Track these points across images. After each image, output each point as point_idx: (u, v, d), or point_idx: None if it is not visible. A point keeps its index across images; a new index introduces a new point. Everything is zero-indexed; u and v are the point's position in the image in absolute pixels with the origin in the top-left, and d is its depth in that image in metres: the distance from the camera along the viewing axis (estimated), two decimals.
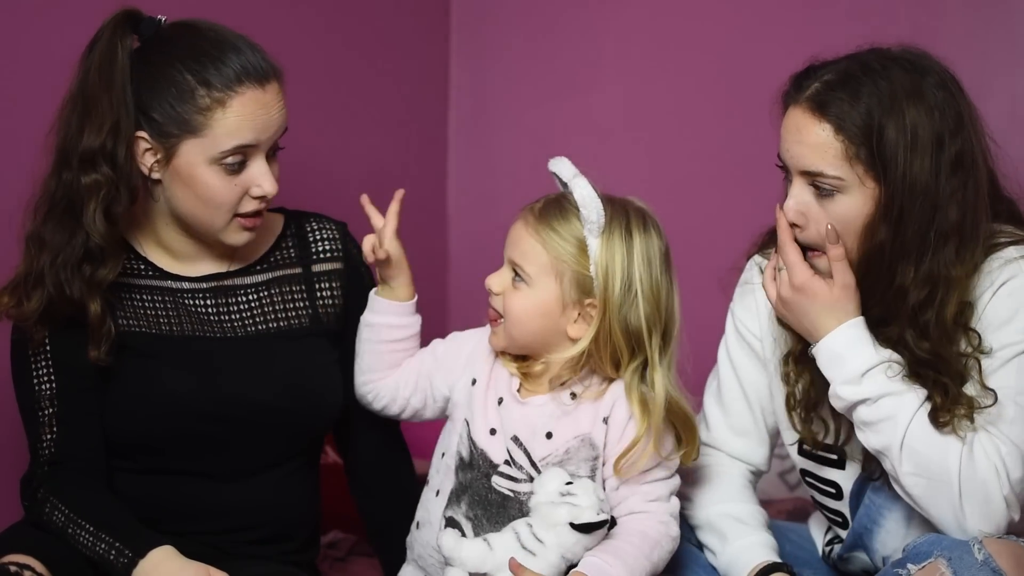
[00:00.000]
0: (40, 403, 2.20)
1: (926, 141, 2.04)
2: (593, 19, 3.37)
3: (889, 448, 2.07)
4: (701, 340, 2.42)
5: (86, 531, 2.12)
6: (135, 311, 2.24)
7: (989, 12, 3.05)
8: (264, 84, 2.18)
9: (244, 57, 2.17)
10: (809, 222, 2.11)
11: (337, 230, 2.38)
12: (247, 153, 2.18)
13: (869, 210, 2.07)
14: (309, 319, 2.32)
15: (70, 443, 2.19)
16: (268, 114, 2.18)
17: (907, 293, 2.08)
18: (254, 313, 2.30)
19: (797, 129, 2.10)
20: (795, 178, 2.12)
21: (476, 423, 2.19)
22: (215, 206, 2.19)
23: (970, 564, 1.97)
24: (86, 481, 2.19)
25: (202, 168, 2.17)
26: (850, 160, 2.06)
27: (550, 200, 2.19)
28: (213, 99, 2.15)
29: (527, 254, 2.16)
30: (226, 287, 2.30)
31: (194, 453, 2.22)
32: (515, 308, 2.16)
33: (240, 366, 2.24)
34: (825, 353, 2.11)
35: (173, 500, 2.24)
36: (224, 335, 2.27)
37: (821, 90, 2.08)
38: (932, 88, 2.07)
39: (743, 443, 2.33)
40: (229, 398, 2.21)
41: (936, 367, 2.09)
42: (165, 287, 2.27)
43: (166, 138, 2.17)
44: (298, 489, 2.31)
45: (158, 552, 2.09)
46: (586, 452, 2.15)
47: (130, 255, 2.26)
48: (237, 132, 2.16)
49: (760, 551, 2.20)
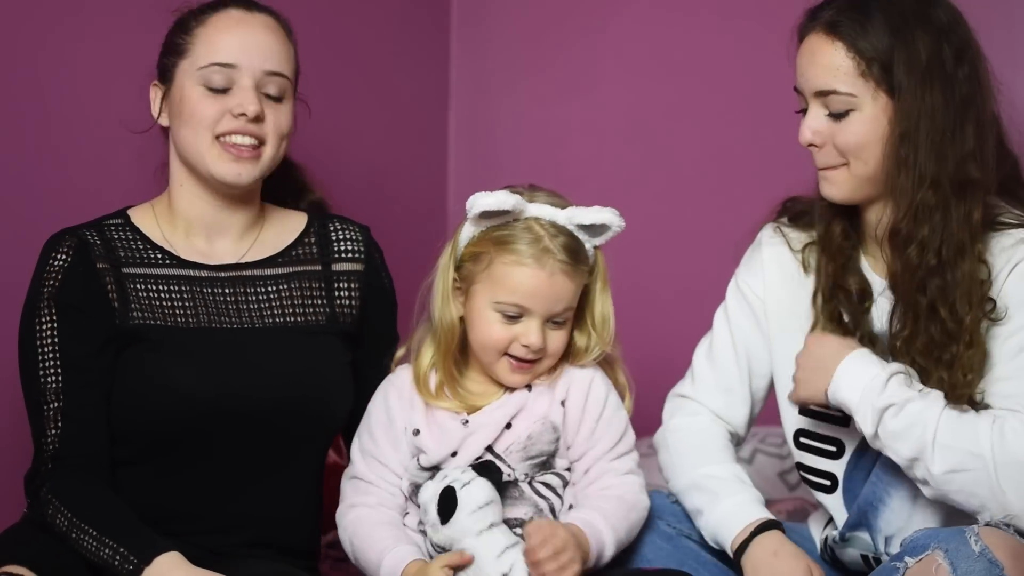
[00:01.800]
0: (46, 397, 2.19)
1: (937, 59, 2.12)
2: (593, 19, 3.38)
3: (922, 451, 2.08)
4: (694, 338, 2.43)
5: (90, 536, 2.11)
6: (150, 303, 2.24)
7: (989, 12, 3.04)
8: (251, 11, 2.27)
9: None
10: (826, 141, 2.18)
11: (360, 233, 2.38)
12: (231, 75, 2.23)
13: (883, 126, 2.14)
14: (326, 317, 2.32)
15: (74, 439, 2.18)
16: (252, 35, 2.25)
17: (934, 196, 2.12)
18: (272, 304, 2.29)
19: (811, 52, 2.18)
20: (810, 102, 2.18)
21: (432, 457, 2.18)
22: (196, 122, 2.23)
23: (967, 555, 1.97)
24: (89, 479, 2.18)
25: (188, 88, 2.24)
26: (863, 76, 2.14)
27: (559, 240, 2.16)
28: (197, 21, 2.26)
29: (567, 299, 2.17)
30: (245, 277, 2.30)
31: (201, 450, 2.21)
32: (561, 345, 2.20)
33: (253, 359, 2.24)
34: (843, 380, 2.13)
35: (176, 500, 2.22)
36: (241, 325, 2.27)
37: (834, 13, 2.17)
38: (940, 13, 2.16)
39: (726, 400, 2.35)
40: (238, 394, 2.20)
41: (951, 334, 2.12)
42: (183, 275, 2.27)
43: (165, 72, 2.27)
44: (302, 492, 2.30)
45: (164, 559, 2.08)
46: (549, 435, 2.18)
47: (146, 245, 2.27)
48: (216, 47, 2.23)
49: (751, 508, 2.22)
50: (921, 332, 2.15)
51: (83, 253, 2.23)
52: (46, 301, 2.21)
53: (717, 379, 2.35)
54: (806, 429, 2.31)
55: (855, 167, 2.17)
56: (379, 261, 2.38)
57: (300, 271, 2.33)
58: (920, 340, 2.15)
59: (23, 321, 2.23)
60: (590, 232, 2.19)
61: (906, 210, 2.14)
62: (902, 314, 2.18)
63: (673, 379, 2.44)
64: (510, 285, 2.15)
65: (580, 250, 2.18)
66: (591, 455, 2.21)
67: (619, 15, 3.36)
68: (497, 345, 2.17)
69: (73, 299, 2.21)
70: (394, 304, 2.41)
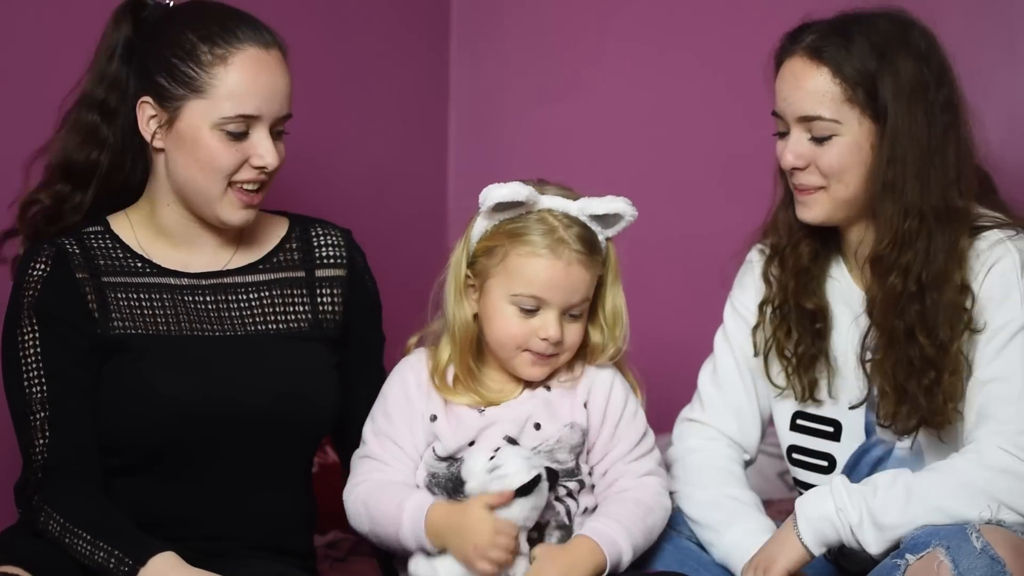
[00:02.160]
0: (31, 407, 2.17)
1: (919, 82, 2.13)
2: (593, 19, 3.38)
3: (942, 510, 2.07)
4: (700, 338, 2.43)
5: (83, 540, 2.09)
6: (131, 312, 2.22)
7: (989, 12, 3.05)
8: (267, 48, 2.20)
9: (248, 23, 2.21)
10: (808, 164, 2.18)
11: (342, 237, 2.36)
12: (250, 123, 2.18)
13: (865, 151, 2.15)
14: (309, 324, 2.30)
15: (63, 448, 2.16)
16: (272, 77, 2.19)
17: (919, 225, 2.13)
18: (254, 312, 2.28)
19: (795, 76, 2.17)
20: (792, 126, 2.18)
21: (448, 446, 2.18)
22: (213, 169, 2.19)
23: (968, 552, 1.97)
24: (81, 486, 2.16)
25: (204, 132, 2.18)
26: (849, 101, 2.14)
27: (573, 231, 2.16)
28: (215, 55, 2.17)
29: (584, 290, 2.16)
30: (226, 284, 2.28)
31: (188, 457, 2.20)
32: (578, 337, 2.19)
33: (237, 367, 2.23)
34: (811, 516, 2.11)
35: (167, 505, 2.21)
36: (223, 333, 2.25)
37: (816, 39, 2.17)
38: (917, 38, 2.17)
39: (738, 423, 2.34)
40: (223, 402, 2.19)
41: (931, 360, 2.12)
42: (163, 283, 2.25)
43: (170, 101, 2.19)
44: (293, 494, 2.29)
45: (160, 559, 2.07)
46: (576, 438, 2.17)
47: (126, 253, 2.25)
48: (240, 96, 2.17)
49: (766, 537, 2.20)
50: (899, 356, 2.15)
51: (62, 262, 2.21)
52: (26, 312, 2.19)
53: (726, 402, 2.35)
54: (798, 445, 2.32)
55: (836, 190, 2.17)
56: (362, 264, 2.36)
57: (282, 278, 2.30)
58: (897, 364, 2.15)
59: (4, 332, 2.22)
60: (602, 223, 2.18)
61: (891, 238, 2.14)
62: (877, 337, 2.18)
63: (676, 380, 2.45)
64: (527, 276, 2.14)
65: (594, 240, 2.17)
66: (610, 457, 2.20)
67: (619, 15, 3.36)
68: (515, 340, 2.16)
69: (54, 309, 2.19)
70: (378, 306, 2.39)
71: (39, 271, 2.20)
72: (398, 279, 2.43)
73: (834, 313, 2.27)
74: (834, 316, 2.27)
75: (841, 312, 2.27)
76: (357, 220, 2.45)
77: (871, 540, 2.08)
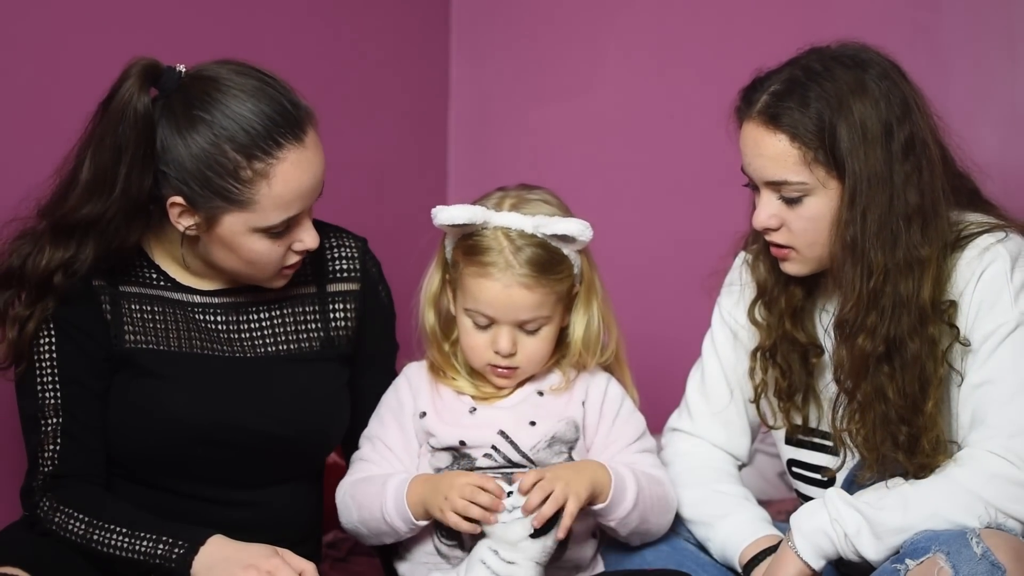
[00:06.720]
0: (44, 413, 2.16)
1: (876, 132, 2.09)
2: (593, 20, 3.38)
3: (939, 516, 2.07)
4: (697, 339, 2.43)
5: (118, 534, 2.09)
6: (144, 324, 2.21)
7: (989, 13, 3.05)
8: (302, 137, 2.12)
9: (277, 110, 2.11)
10: (782, 224, 2.15)
11: (356, 248, 2.33)
12: (292, 218, 2.15)
13: (835, 208, 2.11)
14: (320, 342, 2.29)
15: (73, 456, 2.16)
16: (312, 173, 2.14)
17: (883, 284, 2.10)
18: (264, 333, 2.26)
19: (755, 143, 2.14)
20: (762, 189, 2.16)
21: (443, 439, 2.19)
22: (260, 267, 2.17)
23: (969, 558, 1.96)
24: (93, 489, 2.16)
25: (246, 236, 2.13)
26: (809, 164, 2.10)
27: (523, 253, 2.13)
28: (255, 171, 2.09)
29: (532, 309, 2.15)
30: (239, 303, 2.26)
31: (195, 474, 2.20)
32: (537, 352, 2.19)
33: (246, 390, 2.21)
34: (805, 530, 2.11)
35: (173, 517, 2.18)
36: (233, 354, 2.24)
37: (770, 102, 2.13)
38: (875, 80, 2.12)
39: (726, 432, 2.34)
40: (233, 424, 2.18)
41: (903, 416, 2.11)
42: (177, 299, 2.24)
43: (205, 208, 2.12)
44: (301, 505, 2.29)
45: (217, 538, 2.07)
46: (570, 434, 2.19)
47: (143, 263, 2.24)
48: (284, 204, 2.12)
49: (763, 525, 2.22)
50: (873, 422, 2.13)
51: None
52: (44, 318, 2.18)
53: (714, 412, 2.34)
54: (797, 459, 2.31)
55: (808, 251, 2.15)
56: (376, 275, 2.35)
57: (294, 295, 2.28)
58: (872, 430, 2.13)
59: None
60: (565, 240, 2.16)
61: (854, 301, 2.11)
62: (846, 404, 2.17)
63: (671, 383, 2.45)
64: (474, 294, 2.15)
65: (550, 260, 2.15)
66: (611, 451, 2.22)
67: (618, 16, 3.36)
68: (476, 351, 2.18)
69: (71, 316, 2.18)
70: (392, 316, 2.39)
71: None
72: (396, 280, 2.42)
73: (826, 348, 2.24)
74: (827, 351, 2.24)
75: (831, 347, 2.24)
76: (357, 220, 2.45)
77: (869, 548, 2.07)
